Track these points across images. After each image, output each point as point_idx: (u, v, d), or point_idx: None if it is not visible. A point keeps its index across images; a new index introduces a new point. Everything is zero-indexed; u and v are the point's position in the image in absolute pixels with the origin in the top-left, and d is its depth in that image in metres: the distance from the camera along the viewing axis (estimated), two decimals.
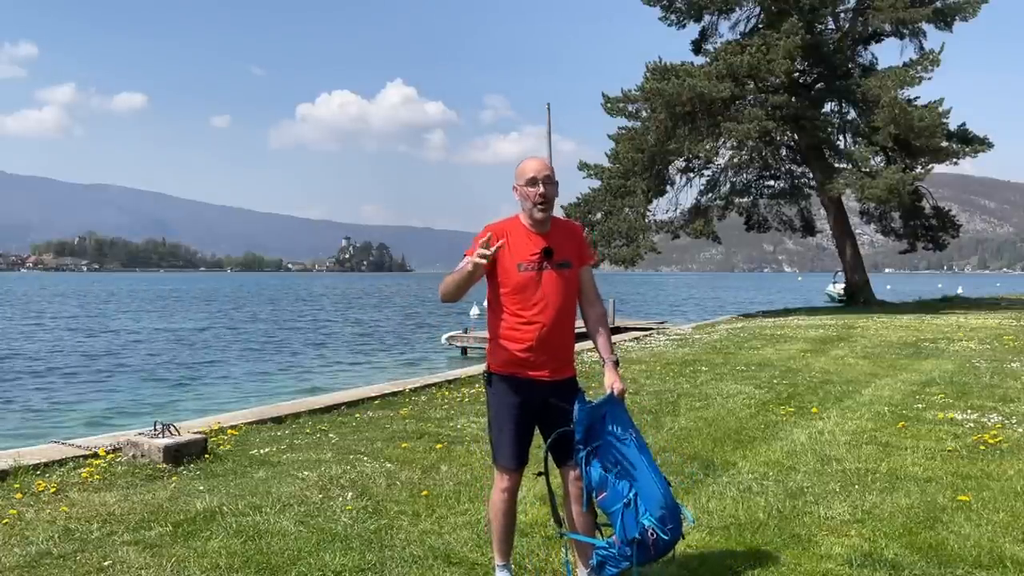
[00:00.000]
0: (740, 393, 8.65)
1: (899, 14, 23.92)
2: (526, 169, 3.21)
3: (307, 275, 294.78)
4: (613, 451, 3.08)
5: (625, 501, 3.02)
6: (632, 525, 3.00)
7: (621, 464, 3.07)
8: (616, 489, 3.05)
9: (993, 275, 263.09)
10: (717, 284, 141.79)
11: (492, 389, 3.27)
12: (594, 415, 3.12)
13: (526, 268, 3.16)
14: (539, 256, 3.16)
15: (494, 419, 3.27)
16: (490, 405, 3.29)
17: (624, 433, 3.11)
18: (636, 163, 24.44)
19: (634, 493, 3.03)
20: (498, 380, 3.24)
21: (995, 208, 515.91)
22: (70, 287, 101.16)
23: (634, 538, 2.99)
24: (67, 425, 12.45)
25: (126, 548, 3.96)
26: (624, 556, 3.03)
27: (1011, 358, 11.19)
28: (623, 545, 3.01)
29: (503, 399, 3.22)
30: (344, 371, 20.18)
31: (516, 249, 3.16)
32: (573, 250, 3.27)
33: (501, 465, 3.27)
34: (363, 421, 7.39)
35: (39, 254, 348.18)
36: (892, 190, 21.85)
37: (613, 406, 3.15)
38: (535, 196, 3.15)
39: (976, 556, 3.77)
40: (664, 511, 3.01)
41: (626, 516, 3.01)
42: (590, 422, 3.11)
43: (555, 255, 3.19)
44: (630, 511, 3.01)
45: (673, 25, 26.26)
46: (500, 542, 3.39)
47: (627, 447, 3.09)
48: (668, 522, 3.01)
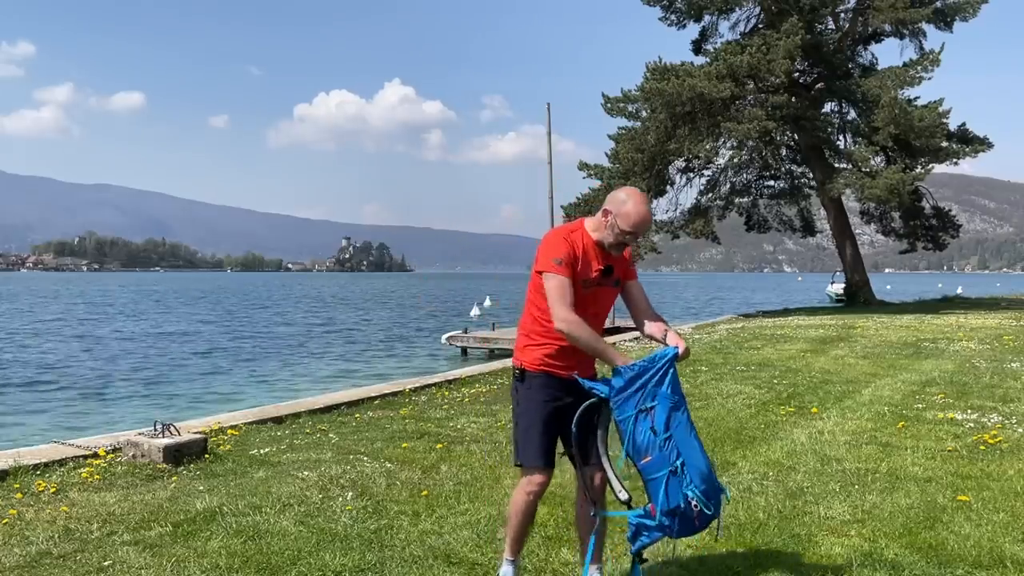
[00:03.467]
0: (740, 393, 8.65)
1: (899, 14, 23.91)
2: (632, 216, 3.09)
3: (307, 275, 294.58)
4: (667, 415, 2.92)
5: (672, 468, 2.88)
6: (677, 494, 2.87)
7: (672, 430, 2.91)
8: (663, 454, 2.89)
9: (993, 275, 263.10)
10: (717, 284, 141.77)
11: (524, 385, 3.22)
12: (650, 372, 2.95)
13: (589, 285, 3.17)
14: (599, 273, 3.19)
15: (523, 416, 3.21)
16: (519, 403, 3.24)
17: (680, 399, 2.97)
18: (636, 163, 24.43)
19: (681, 461, 2.88)
20: (532, 376, 3.20)
21: (995, 208, 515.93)
22: (77, 287, 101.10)
23: (678, 506, 2.87)
24: (66, 426, 12.45)
25: (126, 548, 3.95)
26: (662, 527, 2.92)
27: (1011, 358, 11.18)
28: (662, 515, 2.89)
29: (536, 395, 3.18)
30: (344, 371, 20.18)
31: (584, 267, 3.16)
32: (624, 268, 3.30)
33: (531, 465, 3.19)
34: (363, 421, 7.39)
35: (39, 254, 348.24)
36: (892, 190, 21.85)
37: (675, 368, 2.99)
38: (622, 241, 3.15)
39: (976, 556, 3.77)
40: (707, 485, 2.90)
41: (671, 484, 2.87)
42: (642, 378, 2.95)
43: (614, 273, 3.24)
44: (676, 479, 2.88)
45: (673, 25, 26.25)
46: (514, 540, 3.37)
47: (681, 413, 2.95)
48: (711, 497, 2.90)
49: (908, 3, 23.97)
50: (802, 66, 25.80)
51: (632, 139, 24.71)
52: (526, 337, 3.26)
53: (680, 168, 26.71)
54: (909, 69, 23.99)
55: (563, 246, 3.11)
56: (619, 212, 3.11)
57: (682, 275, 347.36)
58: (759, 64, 22.52)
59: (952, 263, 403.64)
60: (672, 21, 26.15)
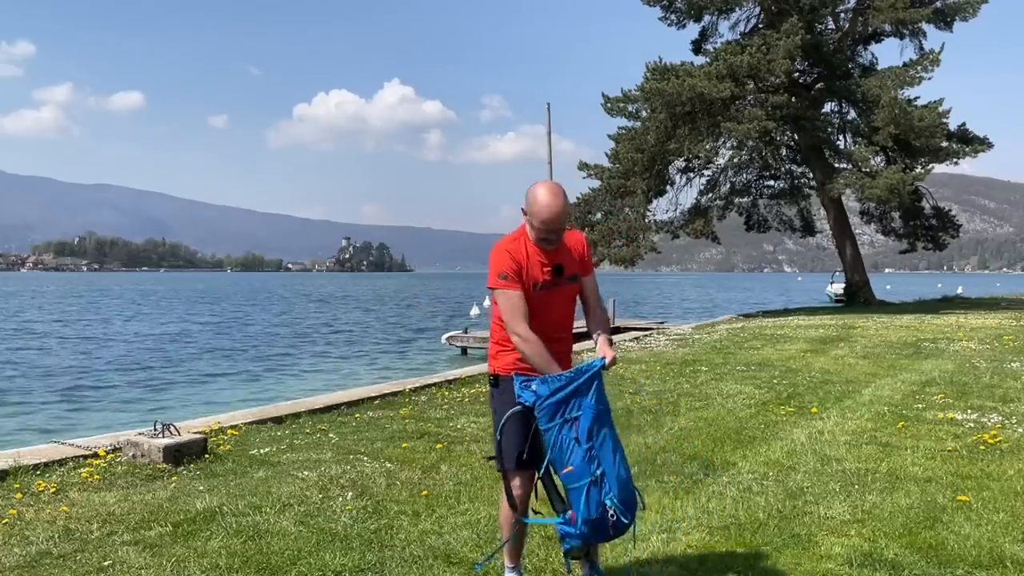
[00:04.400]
0: (740, 393, 8.65)
1: (899, 14, 23.91)
2: (540, 213, 3.09)
3: (307, 275, 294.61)
4: (591, 424, 2.96)
5: (593, 478, 2.93)
6: (595, 504, 2.92)
7: (595, 440, 2.96)
8: (584, 464, 2.93)
9: (993, 275, 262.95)
10: (717, 284, 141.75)
11: (499, 390, 3.24)
12: (576, 382, 2.98)
13: (541, 288, 3.17)
14: (551, 273, 3.18)
15: (498, 420, 3.22)
16: (496, 410, 3.25)
17: (605, 409, 3.02)
18: (636, 163, 24.44)
19: (602, 471, 2.94)
20: (505, 381, 3.21)
21: (995, 208, 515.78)
22: (75, 287, 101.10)
23: (594, 518, 2.92)
24: (68, 427, 12.45)
25: (126, 548, 3.95)
26: (580, 534, 2.97)
27: (1011, 358, 11.18)
28: (582, 523, 2.94)
29: (512, 399, 3.17)
30: (344, 371, 20.18)
31: (531, 272, 3.16)
32: (579, 262, 3.29)
33: (512, 468, 3.18)
34: (363, 421, 7.39)
35: (39, 254, 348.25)
36: (892, 190, 21.86)
37: (601, 379, 3.05)
38: (539, 238, 3.14)
39: (976, 556, 3.77)
40: (627, 494, 2.96)
41: (591, 493, 2.92)
42: (568, 388, 2.97)
43: (565, 271, 3.22)
44: (595, 489, 2.93)
45: (673, 25, 26.25)
46: (511, 548, 3.37)
47: (605, 423, 3.00)
48: (629, 507, 2.96)
49: (908, 3, 23.98)
50: (802, 66, 25.81)
51: (632, 139, 24.72)
52: (497, 344, 3.28)
53: (680, 168, 26.73)
54: (909, 69, 24.00)
55: (505, 259, 3.11)
56: (531, 211, 3.13)
57: (682, 275, 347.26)
58: (759, 64, 22.53)
59: (952, 263, 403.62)
60: (672, 21, 26.15)
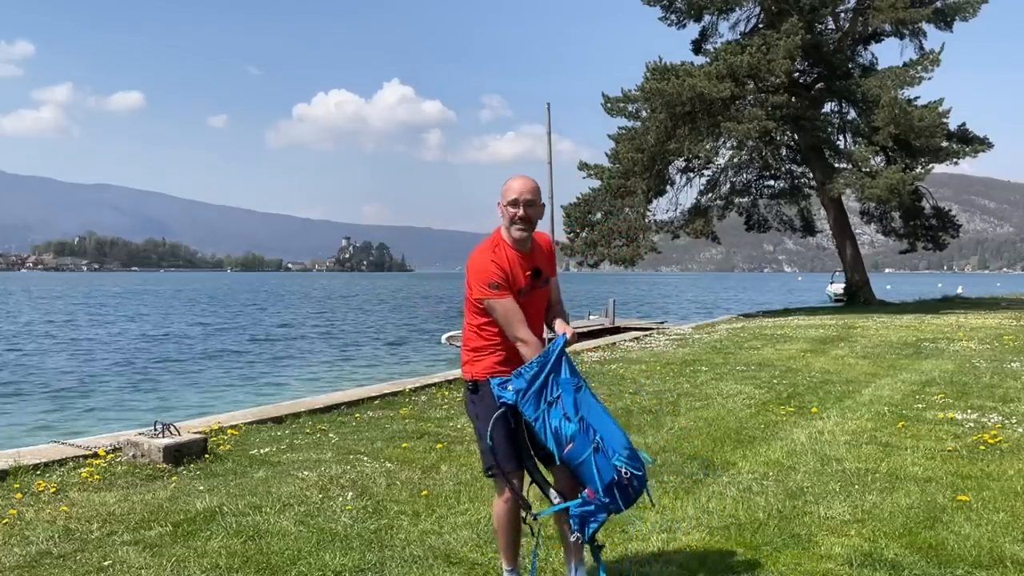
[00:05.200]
0: (740, 393, 8.65)
1: (899, 14, 23.92)
2: (510, 189, 3.24)
3: (307, 275, 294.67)
4: (573, 398, 3.03)
5: (594, 445, 2.98)
6: (607, 468, 2.96)
7: (582, 411, 3.03)
8: (583, 436, 3.00)
9: (993, 275, 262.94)
10: (717, 284, 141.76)
11: (479, 396, 3.25)
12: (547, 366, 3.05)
13: (524, 293, 3.23)
14: (530, 278, 3.25)
15: (484, 425, 3.19)
16: (478, 415, 3.24)
17: (580, 379, 3.09)
18: (636, 163, 24.44)
19: (600, 436, 2.99)
20: (484, 385, 3.23)
21: (995, 208, 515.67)
22: (78, 287, 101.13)
23: (612, 479, 2.95)
24: (68, 427, 12.44)
25: (126, 548, 3.95)
26: (605, 505, 2.99)
27: (1011, 358, 11.18)
28: (603, 494, 2.97)
29: (492, 402, 3.16)
30: (344, 371, 20.17)
31: (514, 278, 3.21)
32: (549, 265, 3.39)
33: (502, 469, 3.18)
34: (363, 421, 7.40)
35: (39, 254, 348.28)
36: (892, 190, 21.86)
37: (567, 354, 3.12)
38: (515, 216, 3.21)
39: (976, 556, 3.77)
40: (628, 450, 3.01)
41: (598, 460, 2.97)
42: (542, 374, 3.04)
43: (542, 273, 3.30)
44: (600, 455, 2.97)
45: (673, 25, 26.27)
46: (507, 549, 3.37)
47: (585, 393, 3.07)
48: (635, 460, 3.00)
49: (908, 3, 23.99)
50: (802, 66, 25.81)
51: (632, 139, 24.71)
52: (470, 352, 3.31)
53: (680, 168, 26.74)
54: (909, 69, 24.00)
55: (491, 268, 3.16)
56: (505, 194, 3.24)
57: (682, 275, 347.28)
58: (759, 64, 22.53)
59: (952, 263, 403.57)
60: (672, 21, 26.17)
